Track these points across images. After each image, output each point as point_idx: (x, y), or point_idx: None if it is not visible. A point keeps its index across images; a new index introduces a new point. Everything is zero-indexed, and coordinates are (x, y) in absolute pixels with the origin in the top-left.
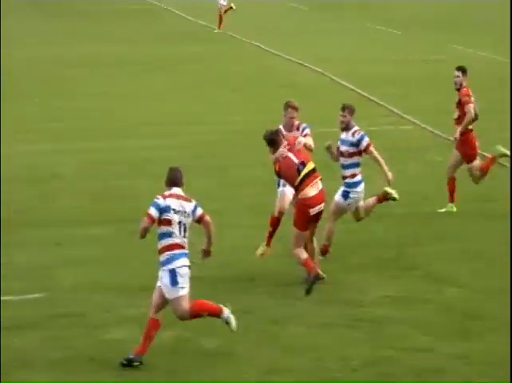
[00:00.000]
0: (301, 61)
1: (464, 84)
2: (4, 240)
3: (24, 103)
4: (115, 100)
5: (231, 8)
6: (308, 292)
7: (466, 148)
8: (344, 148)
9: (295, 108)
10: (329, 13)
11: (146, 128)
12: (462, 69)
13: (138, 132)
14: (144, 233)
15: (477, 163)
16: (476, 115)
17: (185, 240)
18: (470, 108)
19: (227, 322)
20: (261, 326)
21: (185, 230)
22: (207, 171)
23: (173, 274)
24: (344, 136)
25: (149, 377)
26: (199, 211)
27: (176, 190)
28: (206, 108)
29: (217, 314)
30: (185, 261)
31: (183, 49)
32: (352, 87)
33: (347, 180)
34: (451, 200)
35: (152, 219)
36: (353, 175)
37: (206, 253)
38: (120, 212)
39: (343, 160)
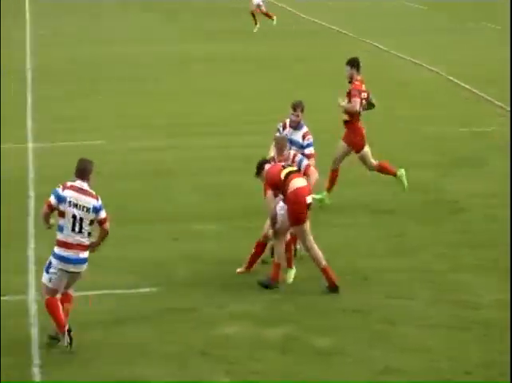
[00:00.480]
0: (417, 61)
1: (357, 77)
2: (119, 234)
3: (140, 100)
4: (225, 96)
5: (270, 17)
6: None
7: (352, 137)
8: (294, 149)
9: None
10: (448, 12)
11: (258, 125)
12: (351, 63)
13: (250, 128)
14: (46, 220)
15: (368, 153)
16: (372, 104)
17: (80, 237)
18: (357, 102)
19: (58, 340)
20: (373, 326)
21: (81, 226)
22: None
23: (49, 264)
24: (294, 136)
25: (261, 375)
26: (103, 215)
27: (79, 183)
28: (318, 105)
29: (58, 328)
30: (62, 265)
31: (295, 48)
32: (468, 87)
33: None
34: (329, 188)
35: (50, 206)
36: None
37: (91, 248)
38: (234, 209)
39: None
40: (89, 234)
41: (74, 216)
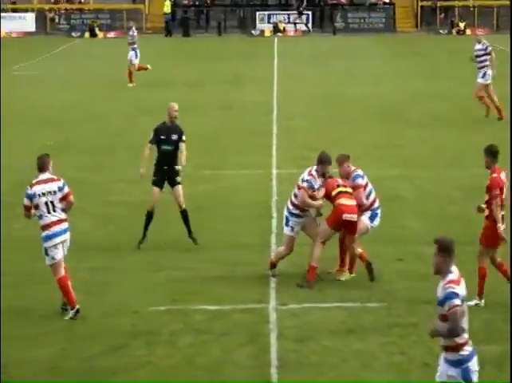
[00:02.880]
0: None
1: None
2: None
3: (372, 131)
4: (442, 128)
5: (147, 68)
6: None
7: None
8: None
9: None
10: None
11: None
12: None
13: (467, 161)
14: (28, 217)
15: None
16: None
17: (56, 214)
18: None
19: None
20: None
21: (54, 206)
22: None
23: (45, 250)
24: None
25: None
26: (66, 190)
27: (41, 176)
28: None
29: (71, 304)
30: (56, 239)
31: None
32: None
33: None
34: None
35: (27, 208)
36: None
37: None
38: (455, 235)
39: None
40: (63, 209)
41: (46, 203)
